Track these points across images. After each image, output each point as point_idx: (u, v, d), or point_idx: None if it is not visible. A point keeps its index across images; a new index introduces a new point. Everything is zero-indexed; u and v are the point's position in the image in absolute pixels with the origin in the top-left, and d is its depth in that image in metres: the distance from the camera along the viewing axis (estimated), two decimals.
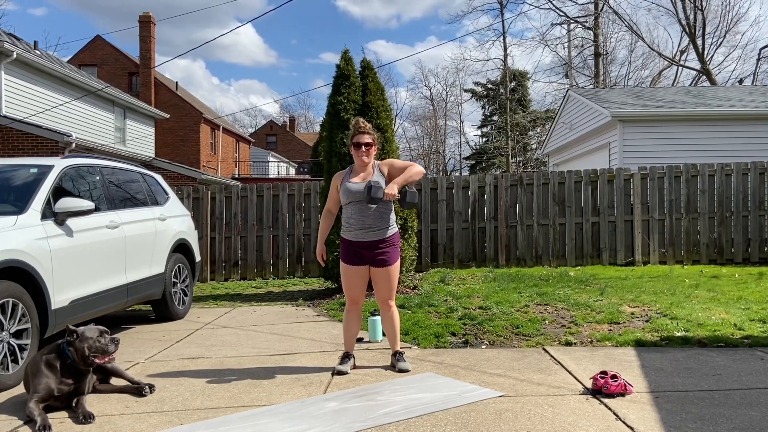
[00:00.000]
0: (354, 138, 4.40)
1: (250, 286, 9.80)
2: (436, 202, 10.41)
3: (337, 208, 4.56)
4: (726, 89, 18.05)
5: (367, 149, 4.37)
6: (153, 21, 31.21)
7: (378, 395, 3.76)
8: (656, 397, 3.62)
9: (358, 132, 4.40)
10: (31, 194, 4.92)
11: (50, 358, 3.77)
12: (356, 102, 8.00)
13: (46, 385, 3.65)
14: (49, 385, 3.65)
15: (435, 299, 6.98)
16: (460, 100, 52.71)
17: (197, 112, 32.52)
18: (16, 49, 15.35)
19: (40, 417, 3.39)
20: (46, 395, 3.63)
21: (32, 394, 3.61)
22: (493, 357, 4.70)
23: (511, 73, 36.78)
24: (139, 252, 6.15)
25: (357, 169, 4.42)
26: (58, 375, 3.70)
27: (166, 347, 5.45)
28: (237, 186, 10.84)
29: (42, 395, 3.61)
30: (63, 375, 3.71)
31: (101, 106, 19.99)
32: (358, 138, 4.37)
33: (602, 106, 14.56)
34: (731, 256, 10.33)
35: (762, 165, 10.41)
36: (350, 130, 4.48)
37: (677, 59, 30.31)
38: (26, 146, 14.65)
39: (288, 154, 52.92)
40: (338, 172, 4.61)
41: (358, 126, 4.43)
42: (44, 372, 3.69)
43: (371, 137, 4.39)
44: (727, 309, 6.07)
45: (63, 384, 3.70)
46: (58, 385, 3.68)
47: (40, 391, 3.62)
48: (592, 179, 10.41)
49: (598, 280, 8.30)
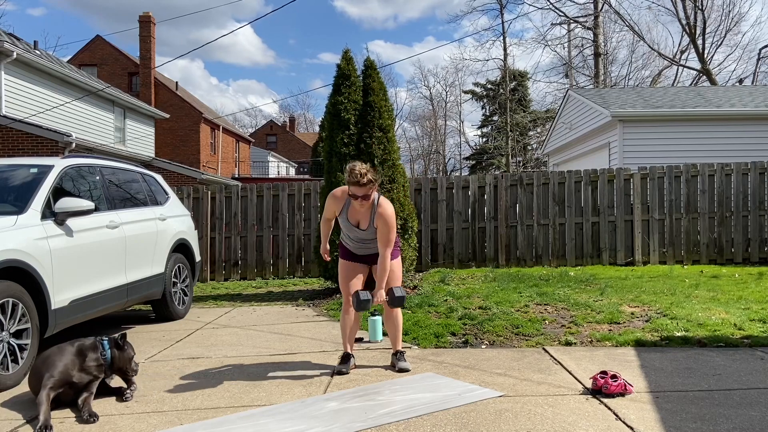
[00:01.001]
0: (350, 188, 4.18)
1: (250, 286, 9.80)
2: (436, 202, 10.41)
3: (334, 218, 4.51)
4: (726, 89, 18.05)
5: (363, 200, 4.20)
6: (153, 21, 31.22)
7: (378, 395, 3.76)
8: (656, 397, 3.62)
9: (354, 183, 4.13)
10: (31, 194, 4.92)
11: (84, 346, 3.84)
12: (357, 102, 7.99)
13: (66, 370, 3.68)
14: (68, 370, 3.69)
15: (435, 299, 6.98)
16: (459, 100, 52.78)
17: (197, 112, 32.53)
18: (16, 49, 15.35)
19: (43, 415, 3.38)
20: (62, 380, 3.64)
21: (47, 379, 3.60)
22: (493, 357, 4.70)
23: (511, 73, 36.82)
24: (139, 252, 6.15)
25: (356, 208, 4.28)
26: (82, 364, 3.75)
27: (166, 347, 5.45)
28: (237, 186, 10.84)
29: (58, 379, 3.62)
30: (87, 366, 3.76)
31: (101, 106, 19.99)
32: (353, 190, 4.16)
33: (602, 106, 14.56)
34: (731, 256, 10.33)
35: (762, 165, 10.41)
36: (345, 174, 4.21)
37: (677, 59, 30.33)
38: (26, 146, 14.65)
39: (288, 154, 52.92)
40: (335, 190, 4.42)
41: (353, 175, 4.11)
42: (70, 356, 3.74)
43: (367, 188, 4.14)
44: (727, 309, 6.07)
45: (84, 374, 3.74)
46: (79, 372, 3.73)
47: (56, 375, 3.63)
48: (592, 179, 10.41)
49: (598, 280, 8.30)
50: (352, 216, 4.32)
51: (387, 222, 4.25)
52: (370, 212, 4.29)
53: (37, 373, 3.74)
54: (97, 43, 32.59)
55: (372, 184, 4.16)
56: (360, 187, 4.14)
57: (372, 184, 4.16)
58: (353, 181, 4.12)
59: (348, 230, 4.40)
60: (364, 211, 4.28)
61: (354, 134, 7.90)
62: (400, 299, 4.38)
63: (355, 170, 4.11)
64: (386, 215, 4.25)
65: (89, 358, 3.79)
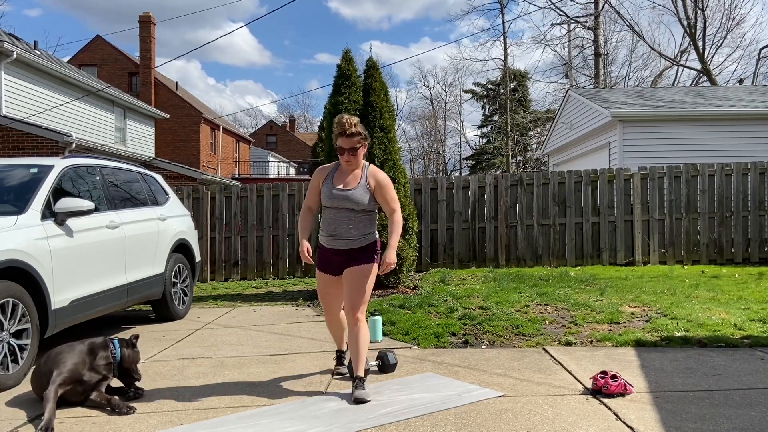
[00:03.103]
0: (337, 140, 3.86)
1: (250, 286, 9.80)
2: (436, 202, 10.41)
3: (317, 206, 4.09)
4: (726, 89, 18.05)
5: (351, 155, 3.84)
6: (153, 21, 31.21)
7: (378, 395, 3.75)
8: (656, 397, 3.62)
9: (340, 134, 3.82)
10: (31, 194, 4.92)
11: (95, 344, 3.88)
12: (357, 102, 7.98)
13: (76, 367, 3.70)
14: (78, 368, 3.71)
15: (435, 299, 6.98)
16: (459, 101, 52.78)
17: (197, 112, 32.52)
18: (16, 49, 15.35)
19: (48, 414, 3.37)
20: (72, 377, 3.66)
21: (57, 375, 3.61)
22: (493, 357, 4.70)
23: (512, 73, 36.82)
24: (139, 252, 6.15)
25: (343, 171, 3.94)
26: (93, 363, 3.78)
27: (166, 347, 5.45)
28: (237, 186, 10.84)
29: (68, 376, 3.64)
30: (97, 365, 3.78)
31: (101, 106, 19.99)
32: (340, 142, 3.83)
33: (602, 106, 14.56)
34: (731, 256, 10.33)
35: (762, 165, 10.41)
36: (333, 127, 3.91)
37: (678, 59, 30.32)
38: (26, 146, 14.65)
39: (288, 154, 52.92)
40: (322, 166, 4.09)
41: (341, 125, 3.81)
42: (82, 354, 3.77)
43: (356, 140, 3.82)
44: (727, 309, 6.07)
45: (93, 372, 3.77)
46: (89, 371, 3.75)
47: (66, 373, 3.64)
48: (592, 179, 10.41)
49: (598, 280, 8.29)
50: (338, 179, 3.90)
51: (382, 181, 3.91)
52: (360, 177, 3.90)
53: (42, 372, 3.74)
54: (97, 43, 32.59)
55: (360, 138, 3.83)
56: (347, 138, 3.80)
57: (360, 137, 3.82)
58: (340, 131, 3.80)
59: (330, 200, 3.87)
60: (353, 174, 3.90)
61: None
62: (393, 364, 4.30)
63: (342, 119, 3.81)
64: (381, 175, 3.94)
65: (99, 357, 3.82)
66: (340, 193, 3.86)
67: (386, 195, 3.91)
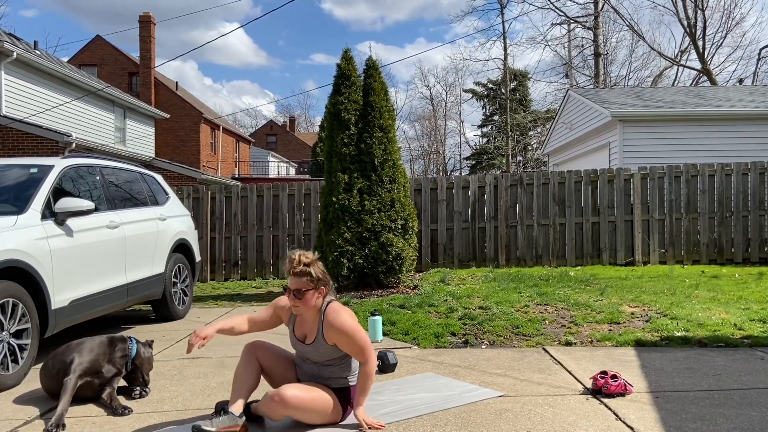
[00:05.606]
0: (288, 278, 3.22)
1: (251, 286, 9.80)
2: (436, 202, 10.41)
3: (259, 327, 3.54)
4: (726, 89, 18.05)
5: (296, 299, 3.17)
6: (153, 21, 31.22)
7: (378, 395, 3.75)
8: (656, 397, 3.62)
9: (288, 272, 3.20)
10: (31, 194, 4.92)
11: (116, 337, 3.92)
12: (357, 102, 8.00)
13: (96, 358, 3.74)
14: (99, 358, 3.75)
15: (435, 299, 6.98)
16: (459, 100, 52.80)
17: (197, 112, 32.53)
18: (16, 49, 15.35)
19: (61, 407, 3.38)
20: (92, 367, 3.69)
21: (78, 365, 3.64)
22: (493, 357, 4.70)
23: (512, 73, 36.83)
24: (139, 252, 6.15)
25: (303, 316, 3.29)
26: (111, 355, 3.82)
27: (166, 347, 5.45)
28: (237, 186, 10.84)
29: (87, 366, 3.67)
30: (114, 358, 3.83)
31: (101, 106, 19.99)
32: (289, 281, 3.21)
33: (602, 106, 14.56)
34: (731, 256, 10.34)
35: (762, 165, 10.41)
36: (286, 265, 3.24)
37: (678, 59, 30.31)
38: (26, 146, 14.65)
39: (288, 154, 52.95)
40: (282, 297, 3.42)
41: (289, 262, 3.19)
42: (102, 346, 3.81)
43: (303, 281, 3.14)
44: (727, 309, 6.07)
45: (110, 366, 3.80)
46: (107, 364, 3.79)
47: (85, 363, 3.67)
48: (592, 179, 10.41)
49: (598, 280, 8.30)
50: (299, 326, 3.32)
51: (343, 330, 3.13)
52: (317, 323, 3.22)
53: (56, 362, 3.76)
54: (97, 43, 32.60)
55: (308, 279, 3.14)
56: (293, 278, 3.17)
57: (308, 278, 3.14)
58: (287, 269, 3.20)
59: (294, 347, 3.41)
60: (310, 322, 3.26)
61: (354, 134, 7.90)
62: (393, 364, 4.32)
63: (293, 255, 3.19)
64: (338, 322, 3.14)
65: (118, 348, 3.87)
66: (300, 347, 3.33)
67: (352, 347, 3.17)
